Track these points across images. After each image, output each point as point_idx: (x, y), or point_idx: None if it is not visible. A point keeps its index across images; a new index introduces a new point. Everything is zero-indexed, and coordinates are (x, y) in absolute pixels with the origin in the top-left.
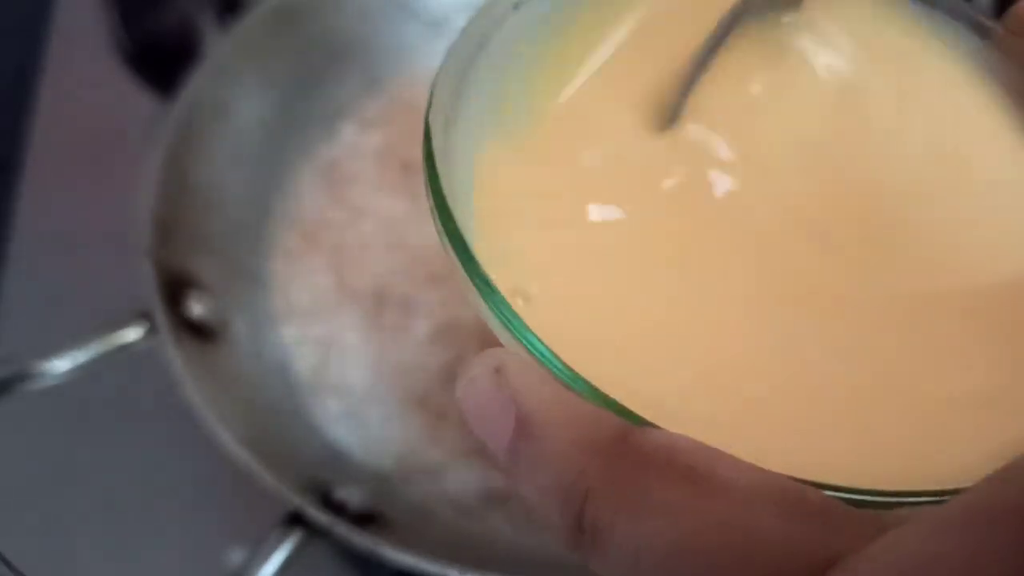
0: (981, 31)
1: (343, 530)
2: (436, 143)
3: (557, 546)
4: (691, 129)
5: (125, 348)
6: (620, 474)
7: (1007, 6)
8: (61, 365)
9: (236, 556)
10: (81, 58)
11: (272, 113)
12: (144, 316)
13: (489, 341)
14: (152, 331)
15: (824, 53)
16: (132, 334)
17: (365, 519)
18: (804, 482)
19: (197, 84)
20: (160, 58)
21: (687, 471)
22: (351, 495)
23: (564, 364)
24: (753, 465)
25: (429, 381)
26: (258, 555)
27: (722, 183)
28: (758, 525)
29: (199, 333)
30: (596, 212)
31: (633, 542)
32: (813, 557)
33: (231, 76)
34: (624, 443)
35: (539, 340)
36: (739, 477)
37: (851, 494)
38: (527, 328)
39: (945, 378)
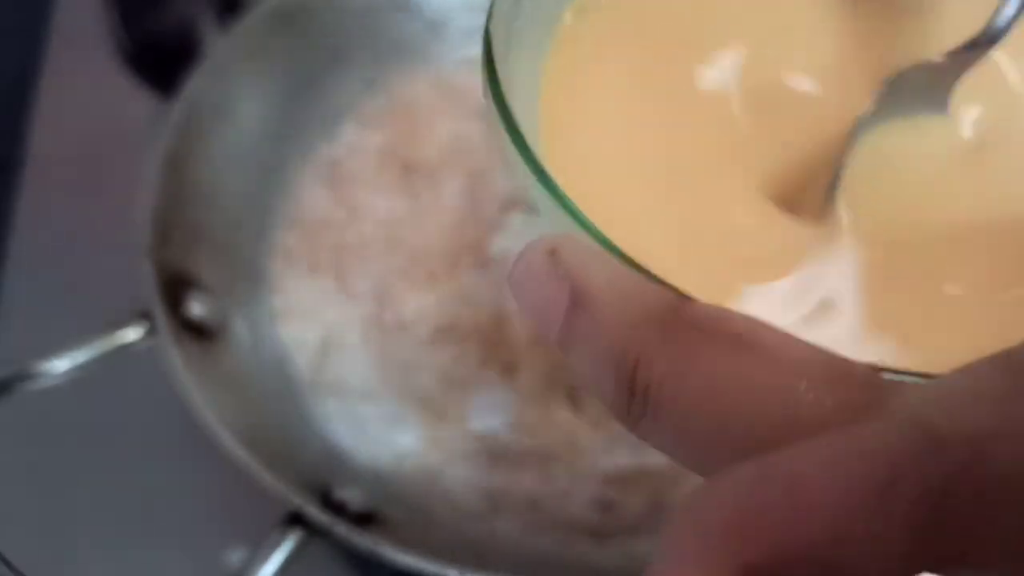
0: None
1: (343, 530)
2: (496, 29)
3: (611, 416)
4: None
5: (125, 348)
6: (671, 339)
7: None
8: (61, 365)
9: (236, 556)
10: (81, 58)
11: (272, 113)
12: (144, 316)
13: (489, 340)
14: (152, 331)
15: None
16: (132, 334)
17: (365, 519)
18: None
19: (197, 84)
20: (160, 58)
21: (736, 338)
22: (351, 495)
23: (618, 247)
24: (799, 338)
25: (429, 381)
26: (258, 555)
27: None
28: (803, 387)
29: (199, 333)
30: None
31: (682, 403)
32: (856, 413)
33: (231, 76)
34: (676, 312)
35: (593, 223)
36: (786, 346)
37: (896, 373)
38: (580, 210)
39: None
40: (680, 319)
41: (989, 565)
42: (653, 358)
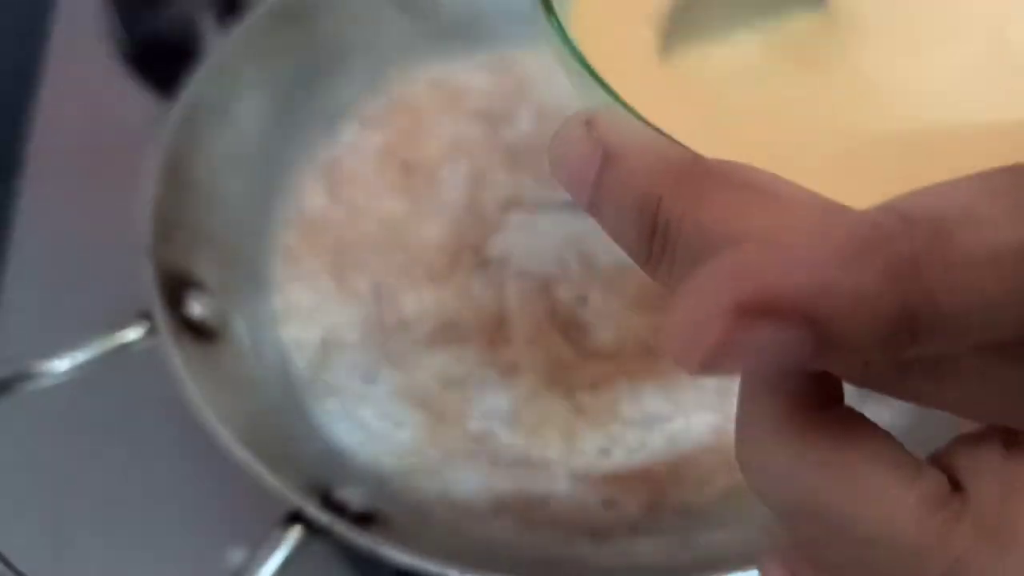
0: None
1: (343, 530)
2: None
3: (633, 260)
4: None
5: (125, 348)
6: (690, 183)
7: None
8: (61, 365)
9: (236, 556)
10: (81, 58)
11: (272, 113)
12: (144, 316)
13: (489, 340)
14: (152, 331)
15: None
16: (132, 334)
17: (365, 519)
18: None
19: (197, 84)
20: (160, 58)
21: (747, 183)
22: (351, 495)
23: (643, 116)
24: (810, 190)
25: (429, 381)
26: (258, 555)
27: None
28: (811, 218)
29: (199, 333)
30: None
31: (699, 237)
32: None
33: (231, 76)
34: (695, 163)
35: (622, 96)
36: (795, 192)
37: None
38: (611, 86)
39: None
40: (699, 168)
41: (953, 337)
42: (673, 199)
